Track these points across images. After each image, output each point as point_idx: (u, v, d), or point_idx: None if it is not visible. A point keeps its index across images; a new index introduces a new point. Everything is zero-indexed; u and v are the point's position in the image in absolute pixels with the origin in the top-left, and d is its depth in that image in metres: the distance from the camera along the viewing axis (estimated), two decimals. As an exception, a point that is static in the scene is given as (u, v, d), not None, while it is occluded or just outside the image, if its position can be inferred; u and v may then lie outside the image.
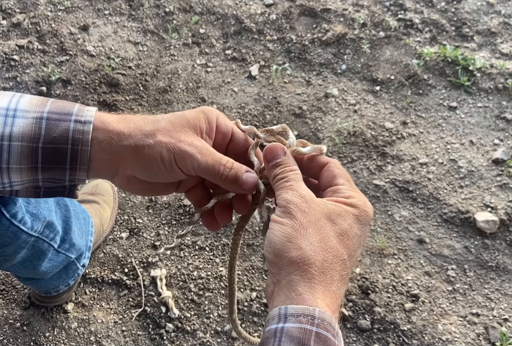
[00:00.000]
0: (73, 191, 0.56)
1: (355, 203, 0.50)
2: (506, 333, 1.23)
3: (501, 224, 1.41)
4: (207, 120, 0.55)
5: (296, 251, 0.45)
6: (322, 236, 0.47)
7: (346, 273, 0.47)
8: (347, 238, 0.48)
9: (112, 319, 1.21)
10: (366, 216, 0.50)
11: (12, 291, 1.25)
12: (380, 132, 1.61)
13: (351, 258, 0.48)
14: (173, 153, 0.51)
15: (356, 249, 0.49)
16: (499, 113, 1.69)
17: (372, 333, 1.23)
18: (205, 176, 0.53)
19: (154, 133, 0.52)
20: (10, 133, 0.49)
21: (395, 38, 1.87)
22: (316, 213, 0.48)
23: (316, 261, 0.45)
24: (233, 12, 1.91)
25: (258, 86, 1.71)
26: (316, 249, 0.46)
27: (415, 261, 1.35)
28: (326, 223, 0.48)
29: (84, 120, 0.51)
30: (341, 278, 0.46)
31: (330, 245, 0.46)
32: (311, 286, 0.44)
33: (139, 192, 0.57)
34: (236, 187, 0.54)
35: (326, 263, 0.45)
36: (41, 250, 0.91)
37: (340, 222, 0.48)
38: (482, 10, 1.99)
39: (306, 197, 0.49)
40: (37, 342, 1.17)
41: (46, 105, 0.52)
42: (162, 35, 1.84)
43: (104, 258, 1.30)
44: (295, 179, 0.51)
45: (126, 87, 1.66)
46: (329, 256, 0.46)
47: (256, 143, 0.59)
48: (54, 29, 1.80)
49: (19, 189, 0.54)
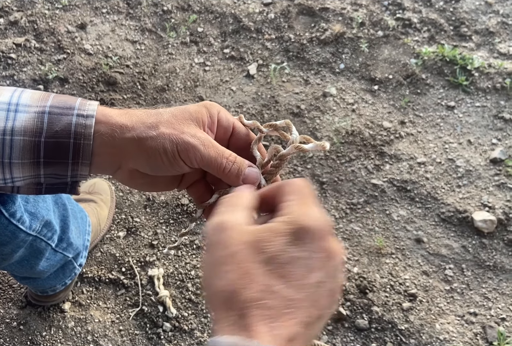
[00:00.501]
0: (75, 187, 0.55)
1: (289, 220, 0.42)
2: (503, 333, 1.23)
3: (499, 223, 1.41)
4: (209, 114, 0.54)
5: (219, 287, 0.39)
6: (245, 268, 0.39)
7: (289, 306, 0.38)
8: (278, 266, 0.39)
9: (109, 318, 1.21)
10: (305, 232, 0.41)
11: (9, 290, 1.24)
12: (378, 131, 1.61)
13: (291, 287, 0.39)
14: (176, 144, 0.50)
15: (300, 275, 0.39)
16: (497, 113, 1.69)
17: (370, 333, 1.23)
18: (207, 168, 0.52)
19: (157, 125, 0.51)
20: (12, 127, 0.49)
21: (393, 37, 1.87)
22: (237, 244, 0.40)
23: (238, 300, 0.38)
24: (231, 11, 1.90)
25: (256, 85, 1.71)
26: (239, 283, 0.39)
27: (413, 260, 1.35)
28: (249, 254, 0.40)
29: (86, 114, 0.51)
30: (282, 315, 0.38)
31: (252, 279, 0.39)
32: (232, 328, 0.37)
33: (141, 187, 0.57)
34: (238, 181, 0.53)
35: (248, 300, 0.38)
36: (38, 249, 0.90)
37: (266, 248, 0.40)
38: (480, 9, 1.99)
39: (227, 224, 0.42)
40: (33, 341, 1.16)
41: (48, 100, 0.51)
42: (160, 34, 1.84)
43: (101, 257, 1.30)
44: (233, 204, 0.45)
45: (123, 86, 1.65)
46: (251, 293, 0.38)
47: (259, 138, 0.58)
48: (51, 27, 1.79)
49: (21, 185, 0.53)
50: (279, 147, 0.56)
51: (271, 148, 0.57)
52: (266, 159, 0.57)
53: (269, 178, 0.57)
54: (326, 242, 0.42)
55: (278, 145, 0.57)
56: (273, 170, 0.56)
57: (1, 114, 0.49)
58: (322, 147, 0.52)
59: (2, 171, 0.51)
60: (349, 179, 1.50)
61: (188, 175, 0.58)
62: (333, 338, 1.22)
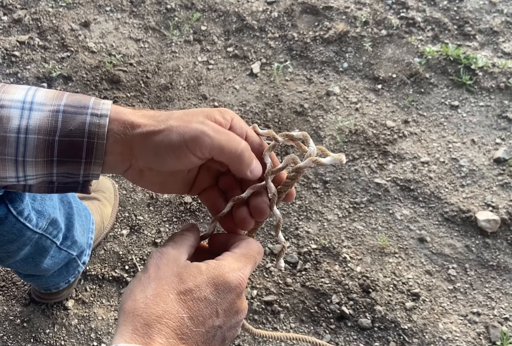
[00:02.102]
0: (86, 186, 0.55)
1: (216, 266, 0.48)
2: (506, 333, 1.23)
3: (502, 223, 1.41)
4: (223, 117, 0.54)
5: (130, 302, 0.46)
6: (161, 290, 0.46)
7: (185, 333, 0.44)
8: (190, 299, 0.46)
9: (112, 316, 1.21)
10: (224, 283, 0.47)
11: (12, 287, 1.24)
12: (382, 130, 1.61)
13: (194, 319, 0.45)
14: (183, 134, 0.50)
15: (207, 314, 0.46)
16: (501, 113, 1.69)
17: (373, 332, 1.23)
18: (220, 153, 0.51)
19: (167, 120, 0.51)
20: (27, 126, 0.49)
21: (397, 36, 1.87)
22: (167, 270, 0.47)
23: (143, 313, 0.44)
24: (235, 9, 1.90)
25: (260, 84, 1.71)
26: (149, 302, 0.45)
27: (416, 260, 1.35)
28: (173, 280, 0.46)
29: (101, 113, 0.51)
30: (177, 336, 0.44)
31: (164, 300, 0.45)
32: (132, 336, 0.43)
33: (152, 187, 0.56)
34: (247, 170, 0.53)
35: (153, 316, 0.44)
36: (44, 247, 0.91)
37: (188, 281, 0.46)
38: (485, 9, 1.99)
39: (167, 254, 0.49)
40: (37, 338, 1.17)
41: (62, 99, 0.51)
42: (163, 32, 1.83)
43: (104, 255, 1.30)
44: (176, 241, 0.52)
45: (127, 84, 1.65)
46: (159, 310, 0.44)
47: (273, 145, 0.57)
48: (55, 25, 1.79)
49: (33, 183, 0.53)
50: (296, 159, 0.56)
51: (288, 158, 0.56)
52: (280, 166, 0.56)
53: (284, 189, 0.56)
54: (239, 299, 0.49)
55: (296, 156, 0.56)
56: (289, 182, 0.56)
57: (16, 112, 0.49)
58: (339, 161, 0.52)
59: (15, 169, 0.51)
60: (352, 178, 1.50)
61: (200, 179, 0.57)
62: (336, 337, 1.22)
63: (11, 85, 0.52)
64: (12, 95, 0.50)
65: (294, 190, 0.58)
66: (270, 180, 0.55)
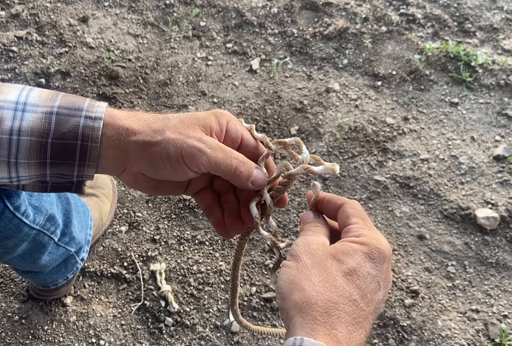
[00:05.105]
0: (80, 186, 0.55)
1: (365, 241, 0.48)
2: (505, 330, 1.23)
3: (502, 220, 1.41)
4: (217, 122, 0.54)
5: (299, 292, 0.45)
6: (326, 275, 0.45)
7: (360, 315, 0.44)
8: (357, 277, 0.45)
9: (111, 312, 1.21)
10: (379, 253, 0.47)
11: (11, 284, 1.24)
12: (381, 127, 1.60)
13: (365, 299, 0.45)
14: (180, 149, 0.50)
15: (373, 290, 0.46)
16: (501, 110, 1.68)
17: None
18: (216, 171, 0.52)
19: (163, 130, 0.51)
20: (19, 127, 0.48)
21: (397, 33, 1.86)
22: (322, 254, 0.47)
23: (318, 301, 0.43)
24: (234, 5, 1.89)
25: (259, 80, 1.70)
26: (319, 289, 0.44)
27: (415, 257, 1.35)
28: (333, 263, 0.46)
29: (95, 116, 0.50)
30: (354, 321, 0.43)
31: (335, 285, 0.44)
32: (313, 327, 0.42)
33: (146, 190, 0.56)
34: (247, 183, 0.53)
35: (330, 303, 0.43)
36: (41, 243, 0.90)
37: (348, 260, 0.46)
38: (485, 5, 1.98)
39: (313, 240, 0.49)
40: (35, 335, 1.16)
41: (56, 100, 0.51)
42: (162, 28, 1.82)
43: (103, 252, 1.30)
44: (313, 230, 0.52)
45: (125, 80, 1.64)
46: (333, 295, 0.44)
47: (267, 154, 0.58)
48: (53, 20, 1.78)
49: (26, 183, 0.53)
50: (288, 165, 0.56)
51: (281, 165, 0.57)
52: (274, 175, 0.57)
53: (276, 195, 0.56)
54: (389, 266, 0.49)
55: (288, 162, 0.56)
56: (281, 188, 0.56)
57: (8, 113, 0.49)
58: (332, 171, 0.52)
59: (8, 170, 0.50)
60: (352, 175, 1.49)
61: (194, 181, 0.57)
62: (335, 334, 1.21)
63: (5, 85, 0.51)
64: (5, 96, 0.50)
65: (286, 196, 0.59)
66: (266, 191, 0.56)
